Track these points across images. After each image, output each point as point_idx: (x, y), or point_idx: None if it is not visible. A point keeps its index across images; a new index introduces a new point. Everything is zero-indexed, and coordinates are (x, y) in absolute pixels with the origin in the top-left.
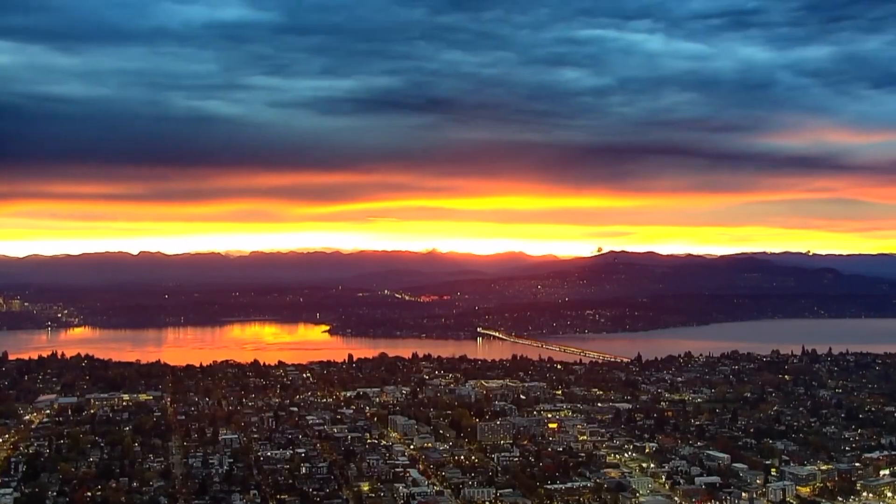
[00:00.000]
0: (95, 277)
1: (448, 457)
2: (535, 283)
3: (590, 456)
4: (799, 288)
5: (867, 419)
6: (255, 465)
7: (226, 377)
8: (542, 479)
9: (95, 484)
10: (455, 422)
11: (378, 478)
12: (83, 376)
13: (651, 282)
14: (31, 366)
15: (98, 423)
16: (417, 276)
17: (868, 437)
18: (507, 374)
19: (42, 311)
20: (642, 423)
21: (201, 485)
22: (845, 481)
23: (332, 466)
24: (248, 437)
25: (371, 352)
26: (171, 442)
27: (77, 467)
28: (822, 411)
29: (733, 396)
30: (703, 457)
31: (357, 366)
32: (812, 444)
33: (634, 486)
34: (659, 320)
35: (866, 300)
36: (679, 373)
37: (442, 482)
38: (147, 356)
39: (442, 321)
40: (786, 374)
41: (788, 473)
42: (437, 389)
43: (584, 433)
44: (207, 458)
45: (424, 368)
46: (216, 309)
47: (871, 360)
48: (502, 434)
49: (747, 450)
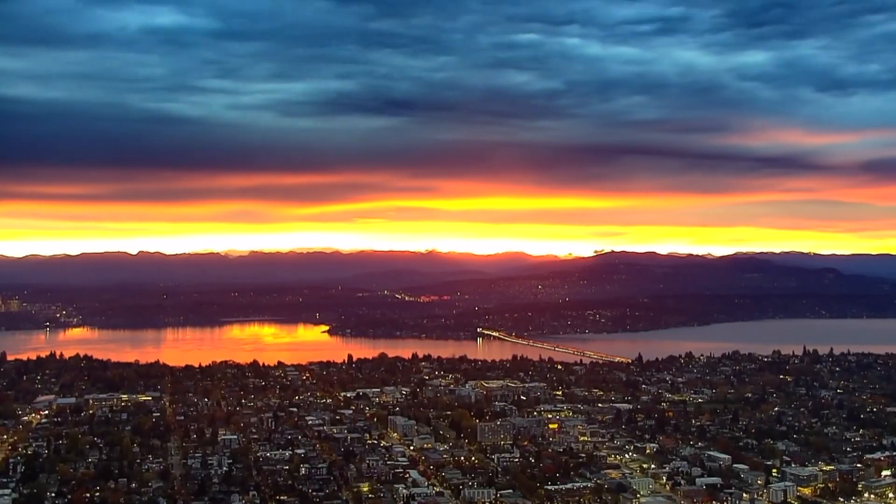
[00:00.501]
0: (94, 277)
1: (448, 457)
2: (536, 283)
3: (590, 457)
4: (800, 288)
5: (869, 420)
6: (255, 466)
7: (225, 378)
8: (543, 479)
9: (94, 485)
10: (455, 422)
11: (378, 479)
12: (82, 377)
13: (651, 282)
14: (29, 366)
15: (97, 424)
16: (417, 276)
17: (870, 438)
18: (507, 374)
19: (40, 312)
20: (643, 424)
21: (200, 486)
22: (847, 482)
23: (331, 467)
24: (247, 438)
25: (371, 352)
26: (170, 443)
27: (76, 468)
28: (824, 412)
29: (734, 397)
30: (704, 457)
31: (357, 366)
32: (813, 445)
33: (635, 486)
34: (659, 320)
35: (868, 300)
36: (680, 373)
37: (442, 483)
38: (146, 356)
39: (442, 321)
40: (787, 375)
41: (790, 474)
42: (437, 390)
43: (584, 434)
44: (206, 459)
45: (424, 369)
46: (215, 309)
47: (872, 360)
48: (502, 435)
49: (748, 450)
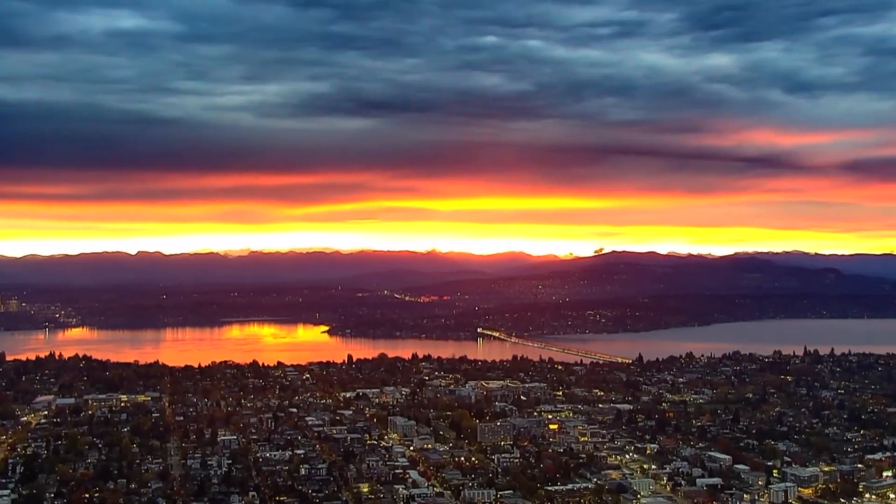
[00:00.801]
0: (93, 277)
1: (448, 458)
2: (536, 283)
3: (590, 457)
4: (801, 288)
5: (870, 420)
6: (254, 467)
7: (224, 378)
8: (543, 480)
9: (93, 485)
10: (455, 423)
11: (378, 479)
12: (81, 377)
13: (652, 282)
14: (28, 366)
15: (96, 424)
16: (417, 276)
17: (871, 439)
18: (507, 374)
19: (39, 312)
20: (643, 425)
21: (200, 486)
22: (848, 483)
23: (331, 468)
24: (246, 439)
25: (370, 352)
26: (169, 443)
27: (75, 469)
28: (825, 412)
29: (735, 397)
30: (705, 458)
31: (356, 366)
32: (814, 446)
33: (635, 487)
34: (660, 321)
35: (869, 300)
36: (680, 373)
37: (442, 484)
38: (145, 357)
39: (442, 321)
40: (788, 375)
41: (790, 475)
42: (437, 390)
43: (584, 434)
44: (206, 460)
45: (424, 369)
46: (215, 309)
47: (873, 360)
48: (502, 435)
49: (749, 451)
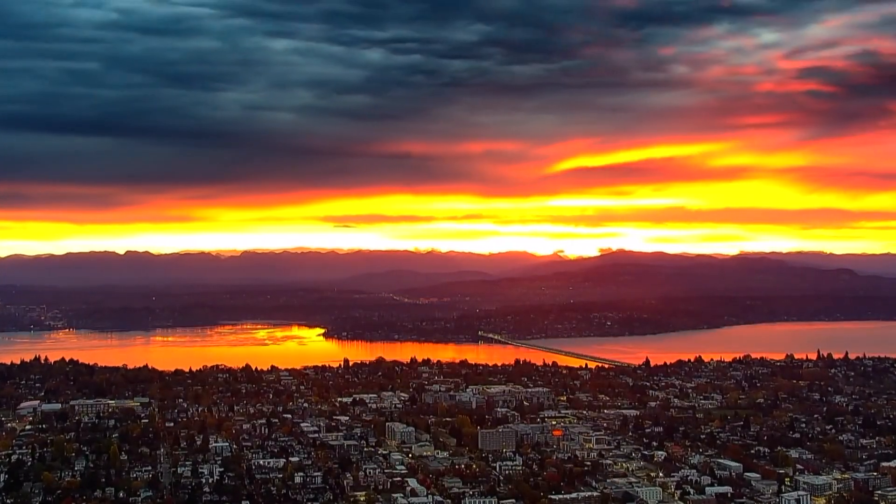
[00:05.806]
0: (80, 278)
1: (448, 466)
2: (539, 284)
3: (596, 465)
4: (814, 289)
5: (885, 426)
6: (247, 475)
7: (216, 383)
8: (546, 488)
9: (80, 494)
10: (455, 429)
11: (375, 487)
12: (68, 382)
13: (659, 283)
14: (13, 370)
15: (83, 431)
16: (416, 276)
17: (886, 445)
18: (509, 379)
19: (25, 314)
20: (650, 431)
21: (191, 495)
22: (862, 491)
23: (327, 476)
24: (239, 445)
25: (368, 356)
26: (159, 450)
27: (61, 476)
28: (838, 418)
29: (745, 403)
30: (714, 466)
31: (353, 370)
32: (827, 453)
33: (642, 496)
34: (667, 323)
35: (884, 302)
36: (689, 378)
37: (441, 492)
38: (134, 360)
39: (442, 324)
40: (800, 380)
41: (803, 483)
42: (437, 395)
43: (589, 441)
44: (197, 467)
45: (423, 373)
46: (206, 311)
47: (889, 365)
48: (504, 442)
49: (760, 458)
